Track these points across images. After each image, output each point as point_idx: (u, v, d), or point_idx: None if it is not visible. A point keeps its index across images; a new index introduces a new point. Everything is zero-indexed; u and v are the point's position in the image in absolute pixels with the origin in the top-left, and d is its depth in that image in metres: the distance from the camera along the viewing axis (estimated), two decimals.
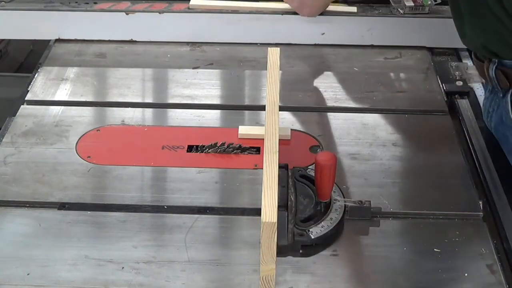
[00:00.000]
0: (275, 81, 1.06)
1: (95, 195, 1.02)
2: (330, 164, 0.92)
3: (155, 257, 0.92)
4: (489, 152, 1.11)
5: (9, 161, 1.09)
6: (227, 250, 0.93)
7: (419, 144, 1.13)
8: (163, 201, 1.02)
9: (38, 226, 0.96)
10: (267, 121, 1.06)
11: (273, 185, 0.92)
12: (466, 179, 1.05)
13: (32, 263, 0.90)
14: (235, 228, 0.97)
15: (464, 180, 1.05)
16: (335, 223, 0.93)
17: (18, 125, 1.18)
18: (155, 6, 1.45)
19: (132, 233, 0.95)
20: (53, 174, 1.05)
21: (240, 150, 1.12)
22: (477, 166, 1.08)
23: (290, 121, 1.19)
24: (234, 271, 0.90)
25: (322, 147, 1.13)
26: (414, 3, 1.42)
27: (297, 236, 0.92)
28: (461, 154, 1.10)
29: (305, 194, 0.98)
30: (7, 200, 1.01)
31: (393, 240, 0.95)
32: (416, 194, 1.03)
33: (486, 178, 1.06)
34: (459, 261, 0.91)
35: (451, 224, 0.97)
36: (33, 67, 1.36)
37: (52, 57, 1.38)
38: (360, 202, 0.96)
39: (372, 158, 1.10)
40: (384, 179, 1.05)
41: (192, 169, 1.06)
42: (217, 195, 1.03)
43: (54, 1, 1.47)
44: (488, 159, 1.10)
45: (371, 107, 1.23)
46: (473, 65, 1.37)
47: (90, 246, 0.94)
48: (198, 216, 0.98)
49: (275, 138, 1.02)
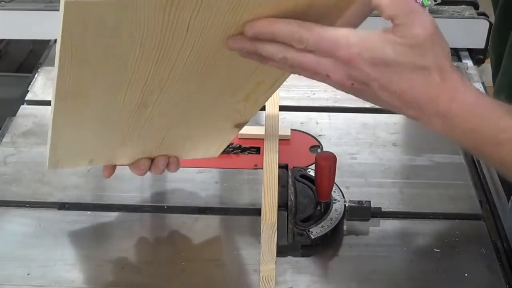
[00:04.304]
0: None
1: (95, 195, 1.02)
2: (330, 164, 0.92)
3: (155, 257, 0.92)
4: None
5: (9, 161, 1.09)
6: (227, 250, 0.93)
7: (419, 144, 1.13)
8: (163, 201, 1.02)
9: (38, 226, 0.96)
10: (267, 121, 1.06)
11: (273, 185, 0.92)
12: (466, 179, 1.05)
13: (32, 263, 0.90)
14: (235, 228, 0.97)
15: (464, 180, 1.05)
16: (335, 223, 0.93)
17: (18, 125, 1.18)
18: None
19: (132, 233, 0.95)
20: (53, 174, 1.05)
21: (240, 150, 1.12)
22: (477, 166, 1.08)
23: (290, 121, 1.18)
24: (234, 271, 0.90)
25: (322, 147, 1.13)
26: None
27: (297, 236, 0.92)
28: (461, 154, 1.10)
29: (305, 194, 0.98)
30: (7, 200, 1.01)
31: (393, 240, 0.95)
32: (416, 194, 1.03)
33: (486, 178, 1.06)
34: (459, 261, 0.91)
35: (451, 224, 0.97)
36: (33, 67, 1.36)
37: (52, 57, 1.37)
38: (360, 202, 0.96)
39: (372, 158, 1.10)
40: (384, 179, 1.05)
41: (192, 169, 1.06)
42: (217, 195, 1.03)
43: (54, 1, 1.47)
44: None
45: (371, 107, 1.23)
46: (473, 65, 1.37)
47: (90, 246, 0.94)
48: (198, 216, 0.98)
49: (275, 138, 1.02)
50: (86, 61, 0.67)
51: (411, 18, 0.64)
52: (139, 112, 0.80)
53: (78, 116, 0.78)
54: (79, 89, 0.72)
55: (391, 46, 0.64)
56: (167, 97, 0.78)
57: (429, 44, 0.64)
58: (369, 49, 0.64)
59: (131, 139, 0.86)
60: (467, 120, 0.67)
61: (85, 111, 0.77)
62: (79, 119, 0.79)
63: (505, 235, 0.95)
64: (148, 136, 0.87)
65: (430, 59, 0.65)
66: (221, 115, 0.89)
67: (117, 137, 0.85)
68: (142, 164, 0.93)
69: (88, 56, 0.66)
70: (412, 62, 0.64)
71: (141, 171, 0.94)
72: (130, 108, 0.78)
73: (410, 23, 0.64)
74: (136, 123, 0.82)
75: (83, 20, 0.61)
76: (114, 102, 0.76)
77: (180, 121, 0.86)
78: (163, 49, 0.68)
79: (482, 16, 1.41)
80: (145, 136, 0.87)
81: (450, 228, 0.96)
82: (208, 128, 0.92)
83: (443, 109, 0.66)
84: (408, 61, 0.64)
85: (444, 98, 0.66)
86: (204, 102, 0.82)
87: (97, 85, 0.72)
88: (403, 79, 0.65)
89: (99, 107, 0.77)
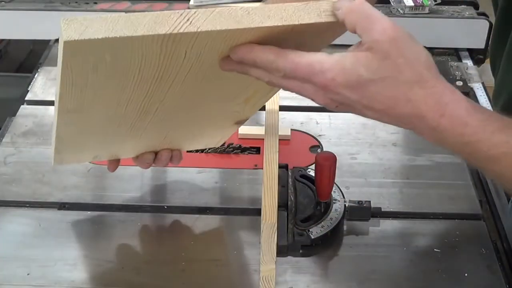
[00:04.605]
0: None
1: (95, 195, 1.02)
2: (330, 164, 0.92)
3: (155, 257, 0.92)
4: None
5: (9, 161, 1.09)
6: (227, 250, 0.93)
7: (419, 144, 1.13)
8: (163, 201, 1.02)
9: (38, 226, 0.96)
10: (267, 121, 1.06)
11: (273, 185, 0.92)
12: (466, 179, 1.05)
13: (32, 263, 0.90)
14: (235, 228, 0.97)
15: (464, 180, 1.05)
16: (335, 223, 0.93)
17: (18, 125, 1.18)
18: (155, 6, 1.45)
19: (132, 233, 0.95)
20: (53, 174, 1.05)
21: (240, 150, 1.12)
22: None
23: (290, 121, 1.18)
24: (234, 271, 0.90)
25: (322, 147, 1.13)
26: (414, 3, 1.42)
27: (297, 236, 0.92)
28: None
29: (305, 194, 0.98)
30: (7, 200, 1.01)
31: (393, 240, 0.95)
32: (416, 194, 1.03)
33: (486, 178, 1.06)
34: (459, 261, 0.91)
35: (451, 224, 0.97)
36: (33, 67, 1.36)
37: (52, 57, 1.38)
38: (360, 202, 0.96)
39: (372, 158, 1.10)
40: (384, 179, 1.05)
41: (192, 169, 1.06)
42: (217, 195, 1.03)
43: (54, 1, 1.47)
44: None
45: None
46: (473, 65, 1.37)
47: (90, 246, 0.94)
48: (198, 216, 0.98)
49: (275, 138, 1.02)
50: (86, 86, 0.69)
51: (369, 24, 0.63)
52: (141, 118, 0.81)
53: (82, 122, 0.79)
54: (80, 107, 0.74)
55: (364, 65, 0.63)
56: (167, 106, 0.79)
57: (395, 51, 0.63)
58: (343, 73, 0.63)
59: (135, 136, 0.87)
60: (458, 134, 0.66)
61: (88, 120, 0.79)
62: (82, 124, 0.80)
63: (505, 235, 0.95)
64: (150, 135, 0.89)
65: (406, 71, 0.63)
66: (222, 115, 0.90)
67: (120, 135, 0.86)
68: (146, 158, 0.94)
69: (88, 82, 0.68)
70: (388, 76, 0.63)
71: (145, 165, 0.95)
72: (132, 115, 0.80)
73: (369, 28, 0.63)
74: (138, 126, 0.83)
75: (83, 56, 0.62)
76: (116, 113, 0.78)
77: (182, 122, 0.87)
78: (161, 73, 0.69)
79: (482, 16, 1.41)
80: (147, 135, 0.88)
81: (450, 228, 0.96)
82: (209, 125, 0.94)
83: (432, 124, 0.65)
84: (383, 76, 0.63)
85: (432, 114, 0.65)
86: (204, 107, 0.84)
87: (98, 102, 0.74)
88: (385, 97, 0.64)
89: (101, 117, 0.79)
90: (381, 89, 0.64)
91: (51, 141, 0.85)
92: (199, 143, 1.02)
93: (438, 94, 0.65)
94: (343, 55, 0.64)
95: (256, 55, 0.65)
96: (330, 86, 0.64)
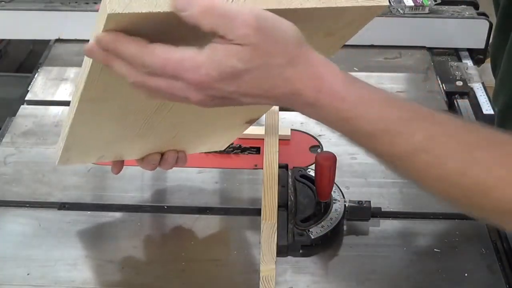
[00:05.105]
0: None
1: (95, 195, 1.02)
2: (330, 164, 0.92)
3: (155, 257, 0.92)
4: None
5: (9, 161, 1.09)
6: (227, 250, 0.93)
7: None
8: (163, 201, 1.02)
9: (38, 226, 0.96)
10: (267, 121, 1.06)
11: (273, 185, 0.92)
12: None
13: (32, 263, 0.90)
14: (235, 228, 0.97)
15: None
16: (335, 223, 0.93)
17: (18, 125, 1.18)
18: None
19: (132, 233, 0.95)
20: (53, 174, 1.05)
21: (240, 150, 1.12)
22: None
23: (290, 121, 1.18)
24: (234, 271, 0.90)
25: (322, 147, 1.13)
26: (414, 3, 1.42)
27: (297, 236, 0.92)
28: None
29: (305, 194, 0.98)
30: (7, 200, 1.01)
31: (393, 240, 0.95)
32: (416, 194, 1.02)
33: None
34: (459, 261, 0.91)
35: (451, 224, 0.97)
36: (33, 67, 1.36)
37: (52, 57, 1.38)
38: (360, 202, 0.96)
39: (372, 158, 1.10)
40: (384, 179, 1.05)
41: (192, 169, 1.06)
42: (217, 195, 1.03)
43: (54, 1, 1.47)
44: None
45: None
46: (473, 65, 1.37)
47: (90, 246, 0.94)
48: (198, 216, 0.98)
49: (275, 138, 1.02)
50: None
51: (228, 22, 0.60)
52: (158, 111, 0.80)
53: (99, 115, 0.78)
54: (105, 95, 0.73)
55: (236, 57, 0.61)
56: (179, 108, 0.79)
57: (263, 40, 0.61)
58: (217, 67, 0.61)
59: (145, 135, 0.86)
60: (336, 110, 0.64)
61: (107, 112, 0.78)
62: (99, 119, 0.79)
63: (505, 235, 0.95)
64: (161, 131, 0.88)
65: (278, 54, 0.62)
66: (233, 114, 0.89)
67: (133, 132, 0.85)
68: (152, 158, 0.93)
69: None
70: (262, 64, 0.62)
71: (152, 166, 0.93)
72: (150, 107, 0.79)
73: (231, 27, 0.60)
74: (153, 120, 0.83)
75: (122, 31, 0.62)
76: (136, 104, 0.77)
77: (194, 119, 0.86)
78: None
79: (482, 16, 1.41)
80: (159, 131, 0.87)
81: (450, 228, 0.96)
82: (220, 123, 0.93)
83: (309, 100, 0.63)
84: (257, 65, 0.62)
85: (309, 90, 0.63)
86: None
87: (123, 91, 0.72)
88: (261, 82, 0.63)
89: (121, 109, 0.78)
90: (257, 76, 0.63)
91: (57, 141, 0.85)
92: (205, 145, 1.00)
93: (312, 69, 0.64)
94: (214, 48, 0.61)
95: (121, 46, 0.62)
96: (204, 82, 0.62)
